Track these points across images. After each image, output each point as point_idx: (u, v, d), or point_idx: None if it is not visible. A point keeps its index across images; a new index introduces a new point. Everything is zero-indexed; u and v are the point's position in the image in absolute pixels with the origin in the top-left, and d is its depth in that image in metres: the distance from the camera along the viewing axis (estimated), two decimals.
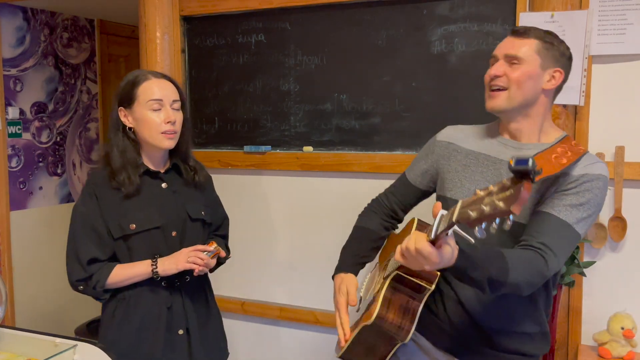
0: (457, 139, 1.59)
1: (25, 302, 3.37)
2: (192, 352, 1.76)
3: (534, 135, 1.47)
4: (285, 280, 2.52)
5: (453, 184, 1.53)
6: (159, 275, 1.67)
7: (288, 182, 2.47)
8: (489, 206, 0.95)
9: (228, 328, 2.66)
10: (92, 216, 1.67)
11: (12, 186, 3.35)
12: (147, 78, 1.70)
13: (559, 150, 1.41)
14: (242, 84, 2.49)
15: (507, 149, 1.48)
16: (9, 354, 1.57)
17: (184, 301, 1.76)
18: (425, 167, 1.64)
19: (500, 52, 1.45)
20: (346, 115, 2.31)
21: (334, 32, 2.30)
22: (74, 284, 1.69)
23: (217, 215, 1.92)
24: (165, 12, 2.52)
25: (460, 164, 1.54)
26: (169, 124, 1.67)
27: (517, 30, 1.45)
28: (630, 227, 1.93)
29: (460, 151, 1.56)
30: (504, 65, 1.43)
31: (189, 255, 1.66)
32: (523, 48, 1.42)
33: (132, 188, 1.67)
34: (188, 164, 1.81)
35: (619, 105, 1.94)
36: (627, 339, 1.88)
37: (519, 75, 1.41)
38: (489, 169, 1.49)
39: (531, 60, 1.42)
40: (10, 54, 3.34)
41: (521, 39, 1.43)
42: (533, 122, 1.47)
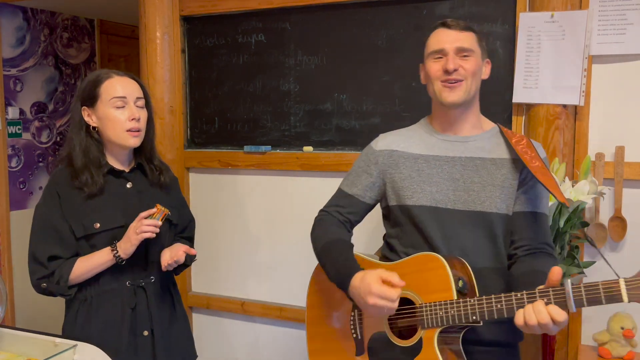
0: (398, 145, 1.57)
1: (25, 302, 3.37)
2: (156, 354, 1.72)
3: (475, 127, 1.53)
4: (285, 280, 2.52)
5: (411, 190, 1.51)
6: (122, 259, 1.64)
7: (288, 182, 2.47)
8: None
9: (228, 328, 2.67)
10: (54, 216, 1.64)
11: (12, 186, 3.35)
12: (110, 76, 1.67)
13: (520, 149, 1.47)
14: (242, 84, 2.49)
15: (454, 145, 1.52)
16: (9, 354, 1.57)
17: (149, 302, 1.72)
18: (372, 180, 1.59)
19: (450, 46, 1.46)
20: (346, 115, 2.31)
21: (334, 32, 2.30)
22: (36, 283, 1.64)
23: (183, 217, 1.89)
24: (165, 12, 2.52)
25: (413, 170, 1.52)
26: (133, 121, 1.65)
27: (456, 24, 1.49)
28: (630, 227, 1.93)
29: (407, 157, 1.54)
30: (456, 58, 1.46)
31: (136, 227, 1.62)
32: (470, 40, 1.48)
33: (94, 188, 1.64)
34: (153, 164, 1.78)
35: (619, 105, 1.94)
36: (627, 338, 1.88)
37: (473, 66, 1.46)
38: (443, 169, 1.50)
39: (477, 52, 1.49)
40: (10, 54, 3.34)
41: (464, 32, 1.48)
42: (474, 114, 1.53)
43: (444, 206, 1.48)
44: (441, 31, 1.50)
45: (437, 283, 1.38)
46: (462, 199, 1.47)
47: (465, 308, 1.32)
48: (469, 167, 1.48)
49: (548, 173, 1.45)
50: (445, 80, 1.46)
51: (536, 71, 1.97)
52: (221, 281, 2.66)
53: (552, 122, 1.94)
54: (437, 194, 1.49)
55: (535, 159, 1.46)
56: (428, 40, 1.54)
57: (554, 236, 1.81)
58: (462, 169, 1.49)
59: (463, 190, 1.47)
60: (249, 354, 2.64)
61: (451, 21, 1.50)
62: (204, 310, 2.70)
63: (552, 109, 1.94)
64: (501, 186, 1.46)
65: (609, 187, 1.93)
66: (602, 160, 1.93)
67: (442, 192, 1.48)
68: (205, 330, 2.72)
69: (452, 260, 1.41)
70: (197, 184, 2.66)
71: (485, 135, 1.53)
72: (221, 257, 2.64)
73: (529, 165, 1.43)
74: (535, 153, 1.47)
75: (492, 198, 1.45)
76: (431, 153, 1.52)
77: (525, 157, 1.45)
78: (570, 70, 1.92)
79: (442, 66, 1.46)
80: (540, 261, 1.42)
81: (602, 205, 1.96)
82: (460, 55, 1.46)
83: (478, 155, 1.49)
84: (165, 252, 1.72)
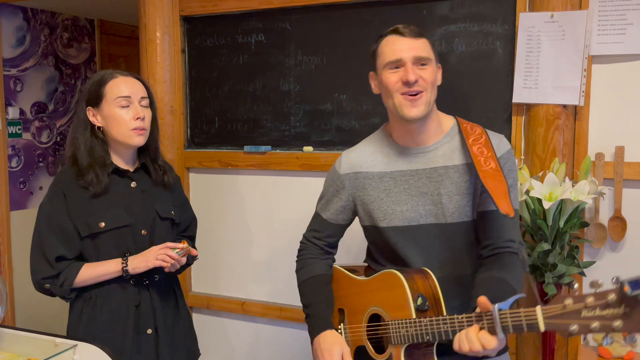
0: (362, 166, 1.54)
1: (25, 302, 3.37)
2: (159, 352, 1.74)
3: (436, 134, 1.49)
4: (285, 280, 2.52)
5: (382, 212, 1.50)
6: (129, 274, 1.65)
7: (288, 182, 2.47)
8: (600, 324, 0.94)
9: (228, 328, 2.67)
10: (59, 214, 1.66)
11: (12, 186, 3.35)
12: (114, 76, 1.69)
13: (476, 150, 1.43)
14: (242, 84, 2.49)
15: (417, 157, 1.48)
16: (9, 354, 1.57)
17: (153, 300, 1.74)
18: (342, 204, 1.59)
19: (407, 55, 1.39)
20: (346, 115, 2.31)
21: (334, 32, 2.30)
22: (40, 282, 1.65)
23: (185, 216, 1.91)
24: (165, 12, 2.52)
25: (380, 190, 1.51)
26: (138, 120, 1.67)
27: (409, 31, 1.41)
28: (630, 227, 1.93)
29: (372, 177, 1.52)
30: (415, 68, 1.39)
31: (158, 253, 1.64)
32: (426, 47, 1.41)
33: (99, 187, 1.65)
34: (157, 164, 1.80)
35: (619, 105, 1.93)
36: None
37: (432, 75, 1.41)
38: (409, 184, 1.48)
39: (433, 59, 1.43)
40: (10, 54, 3.34)
41: (418, 38, 1.41)
42: (434, 121, 1.49)
43: (416, 223, 1.47)
44: (395, 39, 1.42)
45: (399, 301, 1.39)
46: (432, 212, 1.46)
47: (419, 328, 1.33)
48: (434, 178, 1.46)
49: (499, 176, 1.39)
50: (406, 93, 1.40)
51: (536, 71, 1.97)
52: (221, 281, 2.66)
53: (552, 122, 1.94)
54: (407, 213, 1.48)
55: (490, 160, 1.41)
56: (380, 49, 1.45)
57: (553, 236, 1.81)
58: (428, 181, 1.46)
59: (432, 204, 1.46)
60: (249, 354, 2.64)
61: (403, 27, 1.42)
62: (204, 310, 2.70)
63: (552, 109, 1.94)
64: (467, 193, 1.44)
65: (609, 187, 1.93)
66: (602, 160, 1.93)
67: (412, 209, 1.47)
68: (205, 330, 2.72)
69: (414, 276, 1.40)
70: (197, 184, 2.66)
71: (445, 139, 1.49)
72: (221, 257, 2.64)
73: (479, 169, 1.39)
74: (492, 152, 1.43)
75: (461, 207, 1.44)
76: (395, 169, 1.50)
77: (479, 160, 1.41)
78: (570, 70, 1.92)
79: (401, 77, 1.39)
80: (501, 263, 1.39)
81: (602, 205, 1.96)
82: (418, 65, 1.40)
83: (441, 164, 1.46)
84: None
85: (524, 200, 1.86)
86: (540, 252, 1.81)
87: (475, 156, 1.42)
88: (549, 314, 1.02)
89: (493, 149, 1.44)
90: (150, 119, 1.73)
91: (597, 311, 0.95)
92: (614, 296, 0.92)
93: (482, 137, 1.47)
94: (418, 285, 1.38)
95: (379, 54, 1.46)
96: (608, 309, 0.93)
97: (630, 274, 2.07)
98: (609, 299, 0.93)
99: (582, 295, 0.97)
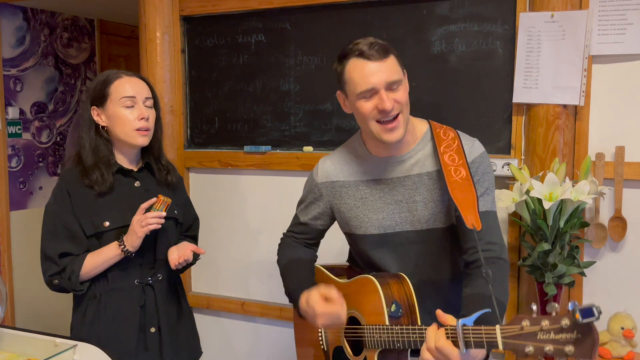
0: (338, 175, 1.55)
1: (25, 302, 3.37)
2: (163, 351, 1.76)
3: (410, 142, 1.48)
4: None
5: (358, 220, 1.51)
6: (130, 252, 1.66)
7: (288, 182, 2.47)
8: (554, 348, 0.96)
9: (228, 328, 2.67)
10: (65, 214, 1.67)
11: (12, 186, 3.35)
12: (119, 76, 1.70)
13: (447, 159, 1.42)
14: (242, 84, 2.49)
15: (392, 165, 1.48)
16: (9, 354, 1.57)
17: (157, 299, 1.75)
18: (319, 211, 1.61)
19: (379, 82, 1.34)
20: (346, 115, 2.31)
21: (334, 32, 2.30)
22: (49, 280, 1.67)
23: (188, 216, 1.93)
24: (165, 12, 2.52)
25: (356, 199, 1.52)
26: (142, 120, 1.68)
27: (375, 53, 1.35)
28: (630, 227, 1.93)
29: (348, 185, 1.53)
30: (389, 94, 1.35)
31: (140, 221, 1.64)
32: (394, 68, 1.37)
33: (105, 186, 1.67)
34: (161, 163, 1.82)
35: (619, 105, 1.93)
36: (627, 339, 1.88)
37: (405, 94, 1.39)
38: (384, 192, 1.49)
39: (402, 76, 1.40)
40: (10, 54, 3.34)
41: (386, 59, 1.36)
42: (408, 131, 1.45)
43: (391, 231, 1.49)
44: (362, 64, 1.35)
45: (373, 306, 1.40)
46: (408, 219, 1.47)
47: (391, 335, 1.33)
48: (408, 186, 1.47)
49: (468, 186, 1.39)
50: (383, 121, 1.37)
51: (536, 71, 1.97)
52: (221, 281, 2.66)
53: (552, 122, 1.94)
54: (383, 221, 1.49)
55: (460, 168, 1.41)
56: (348, 74, 1.39)
57: (553, 236, 1.81)
58: (403, 189, 1.47)
59: (407, 211, 1.47)
60: (249, 354, 2.64)
61: (369, 49, 1.35)
62: (204, 310, 2.70)
63: (552, 109, 1.94)
64: (441, 200, 1.44)
65: (609, 187, 1.93)
66: (602, 160, 1.93)
67: (388, 217, 1.48)
68: (206, 330, 2.72)
69: (390, 281, 1.41)
70: (197, 184, 2.66)
71: (419, 146, 1.48)
72: (221, 257, 2.64)
73: (449, 180, 1.39)
74: (463, 159, 1.42)
75: (435, 214, 1.45)
76: (371, 177, 1.50)
77: (450, 169, 1.41)
78: (570, 70, 1.92)
79: (376, 105, 1.36)
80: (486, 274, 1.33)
81: (602, 205, 1.96)
82: (391, 89, 1.36)
83: (415, 172, 1.47)
84: (172, 250, 1.75)
85: (524, 200, 1.86)
86: (541, 252, 1.81)
87: (446, 165, 1.41)
88: (507, 334, 1.04)
89: (465, 155, 1.43)
90: (154, 119, 1.74)
91: (551, 335, 0.97)
92: (567, 322, 0.94)
93: (454, 143, 1.46)
94: (393, 291, 1.39)
95: (347, 81, 1.40)
96: (562, 334, 0.95)
97: (630, 274, 2.08)
98: (563, 324, 0.95)
99: (538, 317, 0.99)
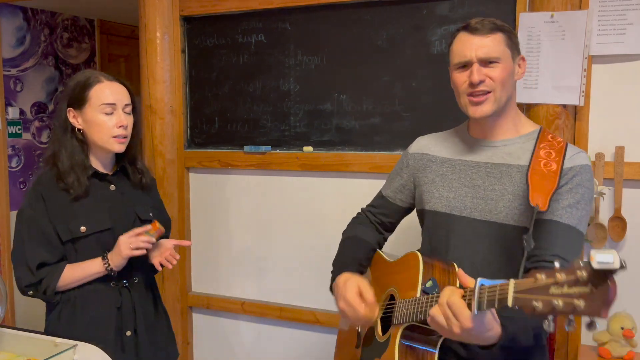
0: (430, 149, 1.55)
1: (25, 302, 3.37)
2: (139, 353, 1.74)
3: (510, 131, 1.43)
4: (285, 280, 2.52)
5: (430, 194, 1.49)
6: (114, 272, 1.65)
7: (288, 182, 2.47)
8: (563, 302, 0.89)
9: (228, 328, 2.67)
10: (40, 219, 1.64)
11: (12, 186, 3.35)
12: (100, 80, 1.66)
13: (542, 153, 1.36)
14: (242, 84, 2.49)
15: (482, 149, 1.44)
16: (9, 354, 1.57)
17: (134, 302, 1.73)
18: (402, 182, 1.59)
19: (473, 55, 1.35)
20: (346, 115, 2.31)
21: (334, 32, 2.30)
22: (23, 290, 1.65)
23: (162, 217, 1.90)
24: (165, 12, 2.52)
25: (437, 174, 1.50)
26: (120, 128, 1.65)
27: (481, 27, 1.35)
28: (630, 227, 1.93)
29: (435, 160, 1.52)
30: (481, 69, 1.35)
31: (130, 242, 1.62)
32: (496, 46, 1.35)
33: (80, 190, 1.64)
34: (136, 167, 1.79)
35: (619, 105, 1.94)
36: (627, 339, 1.88)
37: (501, 74, 1.35)
38: (466, 174, 1.44)
39: (506, 57, 1.37)
40: (10, 54, 3.34)
41: (489, 35, 1.35)
42: (509, 119, 1.43)
43: (458, 213, 1.43)
44: (464, 37, 1.37)
45: (411, 281, 1.35)
46: (479, 207, 1.39)
47: (416, 306, 1.27)
48: (492, 173, 1.40)
49: (552, 177, 1.30)
50: (471, 94, 1.37)
51: (536, 71, 1.97)
52: (221, 281, 2.66)
53: (552, 122, 1.94)
54: (453, 201, 1.44)
55: (552, 163, 1.33)
56: (452, 48, 1.42)
57: None
58: (486, 175, 1.41)
59: (482, 198, 1.40)
60: (249, 354, 2.64)
61: (475, 23, 1.36)
62: (204, 310, 2.70)
63: (552, 109, 1.94)
64: (522, 196, 1.33)
65: (609, 187, 1.93)
66: (602, 160, 1.93)
67: (459, 198, 1.43)
68: (205, 330, 2.72)
69: (436, 262, 1.35)
70: (197, 184, 2.66)
71: (520, 139, 1.42)
72: (221, 257, 2.64)
73: (533, 166, 1.32)
74: (560, 160, 1.33)
75: (511, 208, 1.35)
76: (458, 157, 1.47)
77: (539, 160, 1.34)
78: (570, 70, 1.92)
79: (468, 77, 1.36)
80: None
81: (602, 205, 1.96)
82: (486, 64, 1.35)
83: (505, 162, 1.40)
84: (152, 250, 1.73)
85: None
86: None
87: (538, 157, 1.35)
88: (520, 288, 0.96)
89: (564, 157, 1.34)
90: (132, 125, 1.71)
91: (564, 288, 0.89)
92: (583, 273, 0.87)
93: (559, 145, 1.38)
94: (435, 271, 1.33)
95: (450, 52, 1.42)
96: (575, 287, 0.88)
97: (630, 274, 2.08)
98: (578, 275, 0.87)
99: (554, 270, 0.92)
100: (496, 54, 1.35)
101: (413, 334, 1.32)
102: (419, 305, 1.26)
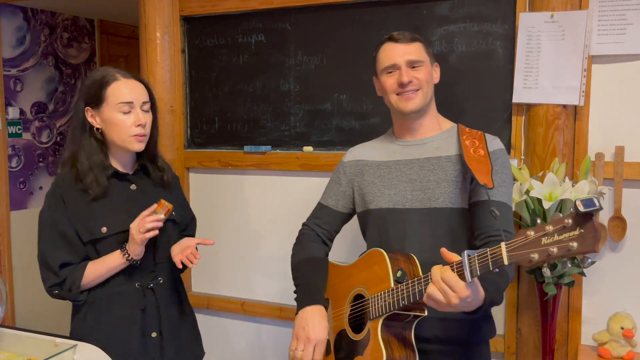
0: (364, 155, 1.69)
1: (25, 302, 3.37)
2: (164, 355, 1.73)
3: (434, 129, 1.62)
4: (285, 280, 2.52)
5: (373, 195, 1.61)
6: (135, 260, 1.64)
7: (288, 182, 2.47)
8: (558, 248, 1.01)
9: (228, 328, 2.67)
10: (60, 221, 1.62)
11: (12, 186, 3.36)
12: (116, 78, 1.63)
13: (467, 143, 1.55)
14: (242, 84, 2.49)
15: (412, 148, 1.61)
16: (9, 354, 1.57)
17: (158, 303, 1.72)
18: (342, 189, 1.71)
19: (400, 59, 1.55)
20: (346, 115, 2.31)
21: (334, 32, 2.30)
22: (49, 290, 1.65)
23: (185, 215, 1.90)
24: (165, 12, 2.52)
25: (375, 176, 1.63)
26: (139, 126, 1.63)
27: (403, 37, 1.56)
28: (630, 227, 1.93)
29: (370, 165, 1.66)
30: (409, 70, 1.54)
31: (139, 227, 1.60)
32: (418, 51, 1.56)
33: (99, 190, 1.62)
34: (156, 165, 1.77)
35: (619, 105, 1.94)
36: (627, 339, 1.88)
37: (425, 75, 1.56)
38: (402, 171, 1.59)
39: (427, 61, 1.58)
40: (10, 54, 3.34)
41: (411, 43, 1.56)
42: (431, 117, 1.62)
43: (401, 207, 1.56)
44: (390, 46, 1.58)
45: (379, 275, 1.45)
46: (419, 197, 1.55)
47: (396, 295, 1.37)
48: (425, 167, 1.57)
49: (485, 161, 1.49)
50: (401, 93, 1.55)
51: (536, 71, 1.97)
52: (221, 281, 2.66)
53: (552, 122, 1.94)
54: (395, 196, 1.58)
55: (480, 150, 1.53)
56: (378, 56, 1.61)
57: None
58: (419, 169, 1.57)
59: (420, 190, 1.55)
60: (249, 354, 2.64)
61: (397, 34, 1.58)
62: (204, 310, 2.70)
63: (552, 109, 1.95)
64: (455, 181, 1.52)
65: (609, 187, 1.93)
66: (602, 160, 1.93)
67: (400, 193, 1.57)
68: (206, 330, 2.72)
69: (397, 255, 1.47)
70: (197, 184, 2.66)
71: (443, 135, 1.61)
72: (221, 257, 2.64)
73: (466, 154, 1.49)
74: (484, 146, 1.54)
75: (447, 193, 1.52)
76: (392, 159, 1.62)
77: (468, 150, 1.51)
78: (570, 70, 1.92)
79: (396, 80, 1.55)
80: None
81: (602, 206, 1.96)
82: (411, 67, 1.55)
83: (434, 155, 1.57)
84: (174, 248, 1.73)
85: (524, 200, 1.86)
86: None
87: (466, 147, 1.53)
88: (512, 247, 1.08)
89: (486, 144, 1.55)
90: (150, 123, 1.69)
91: (555, 237, 1.01)
92: (570, 220, 0.99)
93: (477, 134, 1.59)
94: (400, 263, 1.44)
95: (377, 60, 1.62)
96: (565, 233, 0.99)
97: (630, 274, 2.08)
98: (566, 223, 0.99)
99: (542, 225, 1.04)
100: (420, 58, 1.56)
101: (391, 323, 1.42)
102: (397, 294, 1.38)
